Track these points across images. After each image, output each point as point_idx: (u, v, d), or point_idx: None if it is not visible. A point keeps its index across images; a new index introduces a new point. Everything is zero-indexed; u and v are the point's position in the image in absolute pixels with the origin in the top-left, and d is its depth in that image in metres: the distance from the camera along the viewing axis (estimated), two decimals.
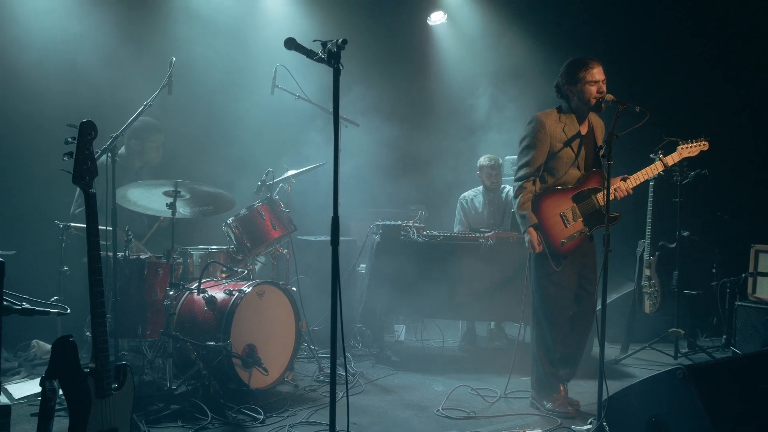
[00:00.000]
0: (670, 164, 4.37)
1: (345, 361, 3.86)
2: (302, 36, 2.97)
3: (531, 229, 4.18)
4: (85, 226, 4.72)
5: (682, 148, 4.34)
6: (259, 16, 7.10)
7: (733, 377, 3.29)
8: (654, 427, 3.29)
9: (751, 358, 3.50)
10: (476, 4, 7.90)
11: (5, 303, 2.94)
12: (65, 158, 2.88)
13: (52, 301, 4.12)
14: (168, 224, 4.81)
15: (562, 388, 4.32)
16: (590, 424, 3.72)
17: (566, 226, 4.17)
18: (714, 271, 6.13)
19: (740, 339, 5.67)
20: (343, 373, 4.70)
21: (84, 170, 2.83)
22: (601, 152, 3.73)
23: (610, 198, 4.01)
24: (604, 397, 3.59)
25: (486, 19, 7.84)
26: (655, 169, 4.33)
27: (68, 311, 3.33)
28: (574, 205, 4.19)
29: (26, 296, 3.26)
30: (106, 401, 2.73)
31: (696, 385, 3.11)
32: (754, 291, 5.73)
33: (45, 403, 2.63)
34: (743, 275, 5.68)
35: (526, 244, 4.24)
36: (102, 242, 4.65)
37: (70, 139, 2.87)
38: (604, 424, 3.58)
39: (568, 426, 3.86)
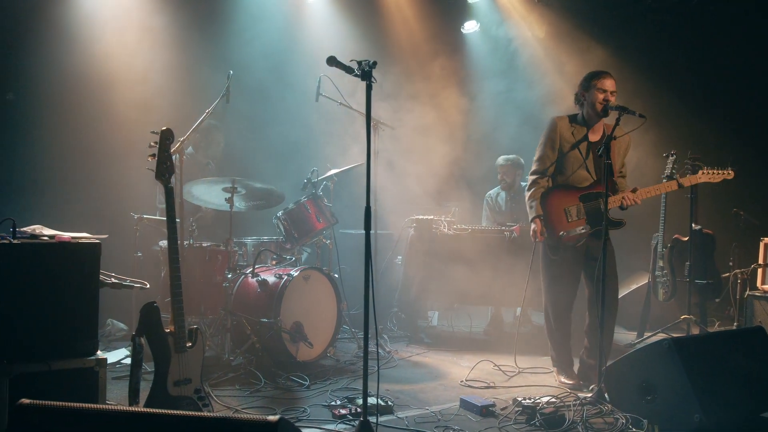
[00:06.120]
0: (686, 185, 4.69)
1: (377, 334, 4.39)
2: (344, 42, 3.52)
3: (537, 220, 4.67)
4: (155, 218, 5.45)
5: (703, 173, 4.68)
6: (305, 24, 7.72)
7: (711, 348, 3.78)
8: (644, 390, 3.80)
9: (726, 334, 3.98)
10: (507, 14, 8.42)
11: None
12: (149, 159, 3.51)
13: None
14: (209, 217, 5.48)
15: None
16: (591, 390, 4.21)
17: (568, 221, 4.61)
18: (731, 264, 6.50)
19: None
20: (379, 351, 5.31)
21: (164, 168, 3.47)
22: (599, 152, 4.21)
23: (618, 204, 4.53)
24: (603, 367, 4.11)
25: (515, 27, 8.35)
26: (668, 187, 4.68)
27: (148, 286, 3.99)
28: (580, 204, 4.62)
29: (113, 273, 3.95)
30: (183, 356, 3.36)
31: (679, 354, 3.62)
32: (763, 282, 6.10)
33: (135, 356, 3.28)
34: (752, 266, 6.06)
35: (531, 233, 4.74)
36: None
37: (152, 143, 3.50)
38: (604, 392, 4.10)
39: (575, 394, 4.35)
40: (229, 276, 5.06)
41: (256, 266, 5.17)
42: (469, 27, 8.48)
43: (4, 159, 5.97)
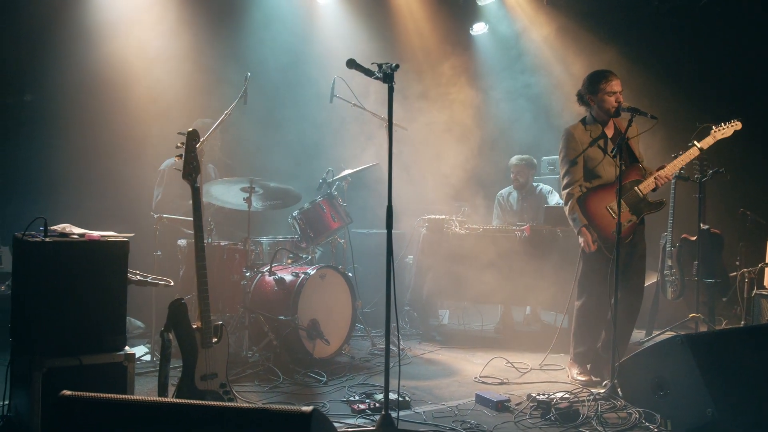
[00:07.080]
0: (705, 148, 4.71)
1: (398, 334, 4.50)
2: (356, 44, 3.61)
3: (584, 230, 4.69)
4: (175, 217, 5.54)
5: (716, 131, 4.71)
6: (317, 26, 7.82)
7: (723, 345, 3.86)
8: (657, 386, 3.89)
9: (737, 331, 4.07)
10: (513, 15, 8.52)
11: None
12: (176, 159, 3.61)
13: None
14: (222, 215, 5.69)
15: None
16: (604, 386, 4.30)
17: (614, 218, 4.57)
18: (738, 263, 6.58)
19: None
20: (394, 348, 5.40)
21: (191, 169, 3.56)
22: (612, 154, 4.30)
23: (653, 186, 4.64)
24: (617, 363, 4.20)
25: (523, 28, 8.45)
26: (691, 154, 4.71)
27: (172, 283, 4.09)
28: None
29: (137, 271, 4.04)
30: (209, 351, 3.46)
31: (692, 350, 3.70)
32: None
33: (164, 350, 3.37)
34: (759, 265, 6.14)
35: (581, 244, 4.75)
36: (187, 231, 5.45)
37: (179, 144, 3.60)
38: (617, 387, 4.19)
39: (589, 389, 4.44)
40: (247, 274, 5.15)
41: (273, 265, 5.26)
42: (478, 29, 8.59)
43: (22, 159, 6.08)
